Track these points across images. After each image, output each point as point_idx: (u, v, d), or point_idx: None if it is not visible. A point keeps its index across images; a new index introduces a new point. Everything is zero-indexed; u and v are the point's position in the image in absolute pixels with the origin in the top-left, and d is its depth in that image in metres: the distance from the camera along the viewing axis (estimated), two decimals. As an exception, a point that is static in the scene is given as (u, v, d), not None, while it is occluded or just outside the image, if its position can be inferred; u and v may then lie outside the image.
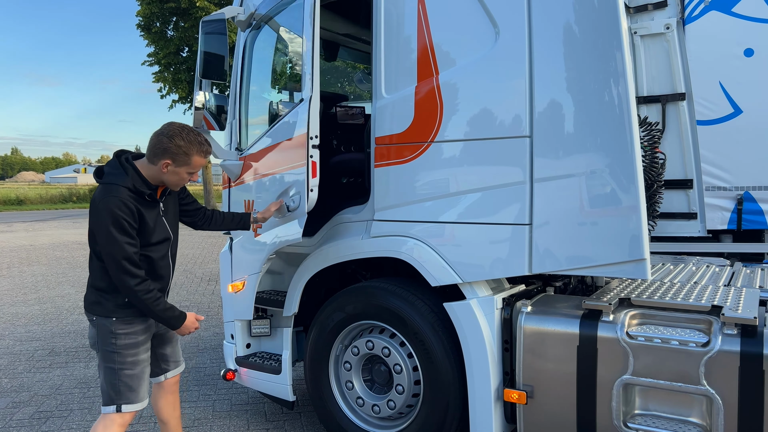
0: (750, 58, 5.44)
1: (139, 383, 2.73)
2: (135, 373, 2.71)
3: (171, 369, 3.06)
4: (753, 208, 5.52)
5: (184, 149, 2.63)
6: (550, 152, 2.72)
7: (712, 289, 2.93)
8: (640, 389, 2.61)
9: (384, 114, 3.20)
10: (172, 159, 2.63)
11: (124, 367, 2.69)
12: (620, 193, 2.54)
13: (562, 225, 2.70)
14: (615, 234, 2.56)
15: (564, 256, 2.70)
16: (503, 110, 2.83)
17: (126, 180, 2.60)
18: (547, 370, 2.78)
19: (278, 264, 3.96)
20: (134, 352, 2.71)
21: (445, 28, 3.00)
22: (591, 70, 2.62)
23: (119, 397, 2.68)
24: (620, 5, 2.54)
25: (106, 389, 2.71)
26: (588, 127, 2.62)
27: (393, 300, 3.16)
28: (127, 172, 2.63)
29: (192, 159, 2.67)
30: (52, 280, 9.85)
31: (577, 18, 2.65)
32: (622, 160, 2.53)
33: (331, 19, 4.36)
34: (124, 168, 2.64)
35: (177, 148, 2.61)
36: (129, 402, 2.70)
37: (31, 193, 36.47)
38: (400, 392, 3.18)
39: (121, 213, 2.53)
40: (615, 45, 2.53)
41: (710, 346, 2.42)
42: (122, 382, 2.68)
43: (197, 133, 2.70)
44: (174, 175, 2.68)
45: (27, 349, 5.87)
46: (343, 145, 4.43)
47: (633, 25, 4.15)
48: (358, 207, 3.39)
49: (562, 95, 2.69)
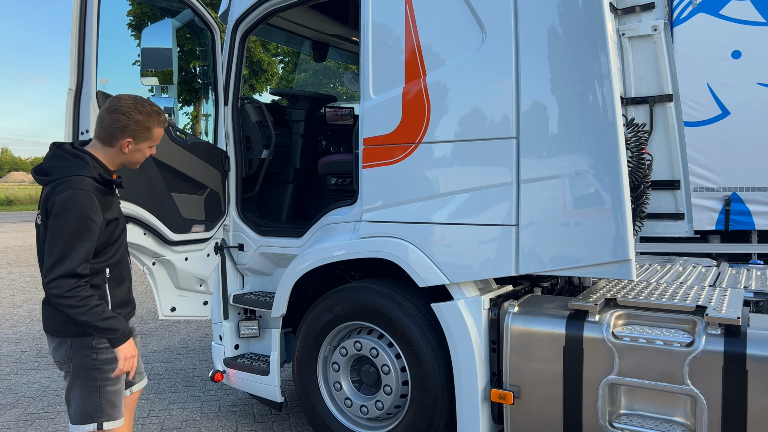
0: (737, 60, 5.50)
1: (120, 399, 2.52)
2: (117, 389, 2.50)
3: (137, 382, 2.78)
4: (740, 208, 5.58)
5: (144, 124, 2.38)
6: (536, 153, 2.73)
7: (698, 290, 2.95)
8: (626, 389, 2.62)
9: (372, 115, 3.20)
10: (133, 137, 2.38)
11: (106, 383, 2.45)
12: (605, 195, 2.55)
13: (549, 226, 2.71)
14: (600, 235, 2.58)
15: (550, 257, 2.71)
16: (490, 111, 2.84)
17: (89, 169, 2.29)
18: (534, 371, 2.79)
19: (267, 265, 3.94)
20: (116, 366, 2.44)
21: (433, 30, 3.00)
22: (577, 72, 2.63)
23: (101, 415, 2.45)
24: (605, 8, 2.55)
25: (83, 408, 2.44)
26: (573, 129, 2.64)
27: (381, 301, 3.16)
28: (85, 160, 2.31)
29: (153, 132, 2.43)
30: (40, 282, 9.75)
31: (563, 20, 2.66)
32: (607, 162, 2.55)
33: (320, 20, 4.36)
34: (79, 157, 2.32)
35: (136, 123, 2.36)
36: (111, 419, 2.48)
37: (21, 194, 36.16)
38: (388, 393, 3.18)
39: (90, 213, 2.23)
40: (600, 47, 2.55)
41: (694, 346, 2.44)
42: (105, 399, 2.46)
43: (150, 102, 2.44)
44: (136, 152, 2.44)
45: (14, 351, 5.82)
46: (332, 146, 4.43)
47: (621, 26, 4.17)
48: (346, 208, 3.39)
49: (548, 97, 2.70)
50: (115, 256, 2.47)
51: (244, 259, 3.94)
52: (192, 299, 3.74)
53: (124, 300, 2.56)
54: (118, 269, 2.50)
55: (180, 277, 3.60)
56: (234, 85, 3.88)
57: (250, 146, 4.04)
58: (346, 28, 4.61)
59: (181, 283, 3.64)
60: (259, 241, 3.85)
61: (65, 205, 2.21)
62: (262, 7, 3.73)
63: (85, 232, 2.24)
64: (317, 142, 4.47)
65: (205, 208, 3.67)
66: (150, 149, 2.50)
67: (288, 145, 4.28)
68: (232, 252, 3.95)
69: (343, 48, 5.07)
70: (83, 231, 2.24)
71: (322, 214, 3.53)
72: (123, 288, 2.55)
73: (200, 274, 3.70)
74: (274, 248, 3.81)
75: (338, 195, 3.91)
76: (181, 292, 3.66)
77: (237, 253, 3.95)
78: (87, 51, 2.98)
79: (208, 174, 3.66)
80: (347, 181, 3.86)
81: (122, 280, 2.54)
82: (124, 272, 2.55)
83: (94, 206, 2.25)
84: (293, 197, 4.39)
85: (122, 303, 2.54)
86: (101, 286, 2.42)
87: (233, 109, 3.89)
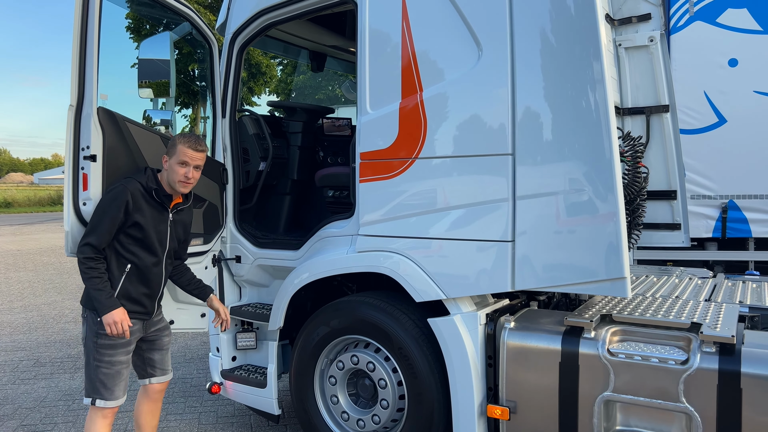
0: (734, 68, 5.51)
1: (114, 383, 2.87)
2: (110, 373, 2.85)
3: (156, 375, 3.17)
4: (737, 216, 5.59)
5: (173, 141, 2.95)
6: (533, 170, 2.74)
7: (693, 305, 2.96)
8: (621, 406, 2.63)
9: (369, 129, 3.21)
10: (167, 153, 2.95)
11: (101, 365, 2.84)
12: (601, 213, 2.57)
13: (544, 242, 2.72)
14: (596, 252, 2.59)
15: (546, 273, 2.72)
16: (486, 128, 2.85)
17: (141, 176, 2.93)
18: (530, 386, 2.79)
19: (264, 277, 3.95)
20: (111, 353, 2.85)
21: (429, 46, 3.01)
22: (573, 89, 2.64)
23: (94, 392, 2.85)
24: (601, 32, 2.56)
25: (86, 382, 2.90)
26: (570, 147, 2.65)
27: (377, 315, 3.17)
28: (145, 172, 2.98)
29: (177, 147, 2.90)
30: (38, 287, 9.77)
31: (558, 40, 2.68)
32: (603, 181, 2.56)
33: (317, 31, 4.37)
34: (143, 170, 3.01)
35: (170, 143, 2.97)
36: (103, 398, 2.86)
37: (19, 196, 36.08)
38: (385, 407, 3.19)
39: (122, 196, 2.80)
40: (597, 76, 2.55)
41: (689, 364, 2.45)
42: (98, 379, 2.85)
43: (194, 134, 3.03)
44: (170, 170, 2.92)
45: (12, 360, 5.82)
46: (330, 156, 4.44)
47: (617, 37, 4.18)
48: (343, 221, 3.40)
49: (545, 113, 2.71)
50: (139, 259, 2.90)
51: (242, 271, 3.94)
52: (190, 312, 3.74)
53: (134, 297, 2.92)
54: (141, 272, 2.92)
55: (179, 289, 3.61)
56: (232, 98, 3.89)
57: (248, 158, 4.04)
58: (343, 40, 4.62)
59: (179, 296, 3.64)
60: (256, 253, 3.86)
61: (107, 194, 2.90)
62: (260, 20, 3.74)
63: (108, 210, 2.81)
64: (314, 153, 4.47)
65: (204, 221, 3.67)
66: (181, 168, 2.90)
67: (285, 156, 4.29)
68: (229, 264, 3.96)
69: (341, 58, 5.08)
70: (107, 209, 2.81)
71: (319, 226, 3.54)
72: (140, 289, 2.93)
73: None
74: (272, 260, 3.81)
75: (335, 207, 3.92)
76: (179, 305, 3.67)
77: (234, 265, 3.95)
78: (88, 67, 2.99)
79: (207, 187, 3.67)
80: (344, 193, 3.87)
81: (143, 284, 2.94)
82: (149, 280, 2.96)
83: (124, 197, 2.80)
84: (290, 209, 4.40)
85: (130, 298, 2.90)
86: (120, 273, 2.87)
87: (231, 122, 3.90)
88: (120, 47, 20.97)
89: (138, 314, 2.96)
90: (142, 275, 2.92)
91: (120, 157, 3.09)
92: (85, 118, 2.99)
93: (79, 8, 2.96)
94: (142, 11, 4.00)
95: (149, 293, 2.98)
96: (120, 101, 3.53)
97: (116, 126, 3.08)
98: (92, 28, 2.99)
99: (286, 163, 4.31)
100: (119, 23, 10.64)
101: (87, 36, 2.98)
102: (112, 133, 3.05)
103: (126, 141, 3.12)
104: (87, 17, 2.98)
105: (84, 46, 2.98)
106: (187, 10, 3.66)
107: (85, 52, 2.99)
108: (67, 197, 3.00)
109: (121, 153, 3.09)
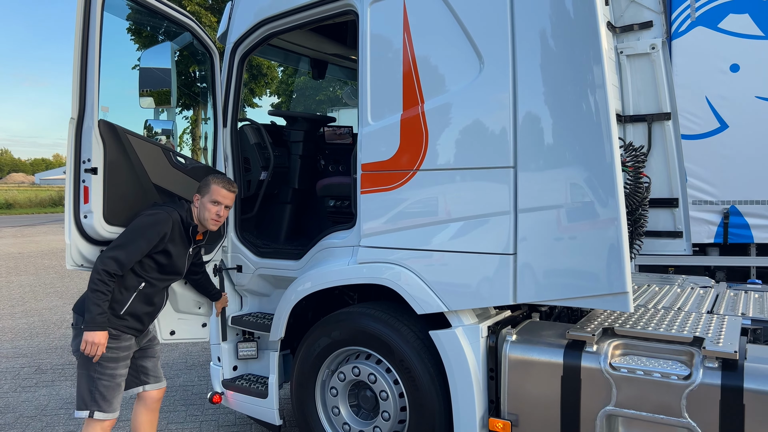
0: (736, 73, 5.50)
1: (113, 395, 2.92)
2: (111, 385, 2.91)
3: (150, 383, 3.22)
4: (739, 221, 5.59)
5: (206, 181, 3.13)
6: (534, 183, 2.73)
7: (695, 317, 2.95)
8: (623, 420, 2.62)
9: (370, 141, 3.20)
10: (199, 191, 3.11)
11: (102, 377, 2.88)
12: (602, 227, 2.56)
13: (546, 255, 2.71)
14: (597, 266, 2.58)
15: (548, 287, 2.72)
16: (488, 140, 2.84)
17: (182, 210, 3.05)
18: (532, 400, 2.79)
19: (265, 286, 3.95)
20: (113, 366, 2.91)
21: (431, 58, 3.01)
22: (575, 103, 2.63)
23: (93, 405, 2.87)
24: (603, 48, 2.55)
25: (81, 394, 2.90)
26: (572, 160, 2.64)
27: (379, 327, 3.16)
28: (183, 206, 3.10)
29: (211, 186, 3.07)
30: (39, 291, 9.77)
31: (559, 53, 2.67)
32: (605, 194, 2.55)
33: (318, 40, 4.36)
34: (181, 203, 3.13)
35: (203, 182, 3.15)
36: (101, 410, 2.89)
37: (21, 197, 36.10)
38: (386, 419, 3.18)
39: (164, 226, 2.91)
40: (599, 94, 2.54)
41: (692, 379, 2.44)
42: (98, 392, 2.88)
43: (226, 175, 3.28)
44: (202, 208, 3.08)
45: (13, 367, 5.82)
46: (331, 165, 4.43)
47: (619, 44, 4.18)
48: (345, 232, 3.39)
49: (547, 126, 2.70)
50: (154, 282, 3.01)
51: (243, 281, 3.94)
52: (191, 322, 3.75)
53: (138, 315, 3.00)
54: (152, 293, 3.03)
55: (179, 300, 3.61)
56: (233, 107, 3.88)
57: (249, 168, 4.04)
58: (344, 48, 4.61)
59: (180, 306, 3.65)
60: (257, 262, 3.86)
61: (146, 213, 2.99)
62: (261, 30, 3.74)
63: (146, 233, 2.88)
64: (316, 162, 4.47)
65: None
66: (214, 206, 3.06)
67: (286, 165, 4.29)
68: (230, 273, 3.96)
69: (342, 65, 5.07)
70: (146, 232, 2.88)
71: (320, 237, 3.53)
72: (144, 308, 3.02)
73: (199, 296, 3.71)
74: (273, 270, 3.81)
75: (337, 217, 3.91)
76: (180, 315, 3.67)
77: (236, 275, 3.95)
78: (89, 79, 2.99)
79: None
80: (345, 203, 3.86)
81: (148, 303, 3.04)
82: (154, 300, 3.07)
83: (166, 227, 2.91)
84: (292, 218, 4.40)
85: (134, 315, 2.98)
86: (131, 290, 2.94)
87: (232, 131, 3.90)
88: (121, 51, 20.96)
89: (136, 330, 3.06)
90: (149, 296, 3.03)
91: (121, 170, 3.09)
92: (86, 130, 2.99)
93: (80, 20, 2.96)
94: (144, 21, 3.99)
95: (151, 312, 3.09)
96: (121, 109, 3.56)
97: (117, 139, 3.07)
98: (93, 39, 2.99)
99: (287, 172, 4.30)
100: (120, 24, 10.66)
101: (88, 48, 2.99)
102: (113, 145, 3.05)
103: (127, 154, 3.12)
104: (88, 29, 2.99)
105: (85, 58, 2.98)
106: (189, 20, 3.66)
107: (86, 65, 2.99)
108: (68, 210, 3.00)
109: (122, 166, 3.10)
